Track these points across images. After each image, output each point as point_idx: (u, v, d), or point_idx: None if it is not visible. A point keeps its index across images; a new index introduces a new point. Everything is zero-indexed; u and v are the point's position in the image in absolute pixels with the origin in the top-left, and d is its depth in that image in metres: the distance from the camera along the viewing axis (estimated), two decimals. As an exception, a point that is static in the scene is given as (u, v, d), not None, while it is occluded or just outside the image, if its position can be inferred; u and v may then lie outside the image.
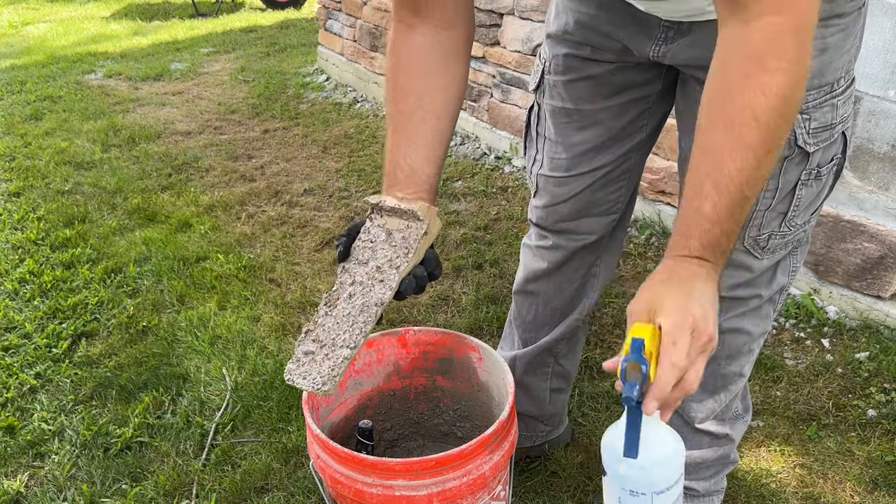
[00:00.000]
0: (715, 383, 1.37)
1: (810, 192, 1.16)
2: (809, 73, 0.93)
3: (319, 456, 1.23)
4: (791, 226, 1.18)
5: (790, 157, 1.11)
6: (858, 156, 2.07)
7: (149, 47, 6.15)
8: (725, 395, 1.40)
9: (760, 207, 1.16)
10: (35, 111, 4.36)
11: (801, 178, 1.13)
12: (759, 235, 1.18)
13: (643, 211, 2.74)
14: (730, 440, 1.46)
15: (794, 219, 1.18)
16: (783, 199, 1.15)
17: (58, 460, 1.78)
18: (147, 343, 2.20)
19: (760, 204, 1.15)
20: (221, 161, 3.58)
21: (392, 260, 1.08)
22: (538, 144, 1.39)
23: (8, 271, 2.61)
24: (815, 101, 1.07)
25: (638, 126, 1.32)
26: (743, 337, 1.31)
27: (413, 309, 2.32)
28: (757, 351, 1.38)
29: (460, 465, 1.17)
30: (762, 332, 1.34)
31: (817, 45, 1.00)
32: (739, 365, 1.36)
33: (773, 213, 1.16)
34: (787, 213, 1.16)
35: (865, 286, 2.11)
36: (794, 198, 1.15)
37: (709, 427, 1.42)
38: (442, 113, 1.13)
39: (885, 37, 1.92)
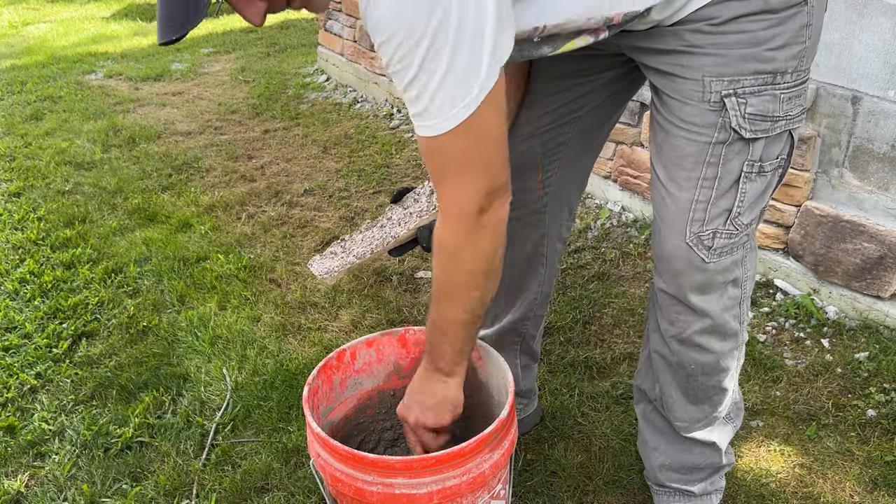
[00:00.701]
0: (697, 395, 1.37)
1: (755, 188, 1.17)
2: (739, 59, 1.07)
3: (320, 454, 1.24)
4: (737, 224, 1.18)
5: (728, 143, 1.12)
6: (858, 156, 2.07)
7: (149, 47, 6.15)
8: (709, 406, 1.40)
9: (700, 198, 1.16)
10: (35, 111, 4.36)
11: (743, 170, 1.14)
12: (703, 231, 1.18)
13: (643, 211, 2.75)
14: (716, 448, 1.46)
15: (740, 217, 1.18)
16: (727, 193, 1.16)
17: (58, 460, 1.78)
18: (147, 343, 2.20)
19: (699, 194, 1.16)
20: (222, 161, 3.59)
21: (421, 212, 1.34)
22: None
23: (8, 271, 2.62)
24: (751, 87, 1.09)
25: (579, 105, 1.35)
26: (709, 355, 1.31)
27: (413, 309, 2.32)
28: (734, 366, 1.36)
29: (460, 464, 1.18)
30: (731, 349, 1.32)
31: (746, 39, 1.07)
32: (717, 380, 1.35)
33: (717, 209, 1.16)
34: (731, 210, 1.17)
35: (865, 286, 2.11)
36: (738, 192, 1.16)
37: (696, 435, 1.43)
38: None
39: (884, 37, 1.92)
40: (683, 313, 1.26)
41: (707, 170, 1.15)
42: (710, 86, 1.10)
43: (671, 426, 1.44)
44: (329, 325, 2.27)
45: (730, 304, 1.27)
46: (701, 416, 1.41)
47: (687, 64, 1.11)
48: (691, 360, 1.31)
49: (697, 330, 1.27)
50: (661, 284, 1.27)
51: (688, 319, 1.27)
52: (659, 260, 1.26)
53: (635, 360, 2.04)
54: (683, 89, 1.13)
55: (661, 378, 1.39)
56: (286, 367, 2.04)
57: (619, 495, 1.63)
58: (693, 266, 1.20)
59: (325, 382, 1.40)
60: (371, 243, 1.37)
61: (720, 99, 1.10)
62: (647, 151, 2.66)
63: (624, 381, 1.96)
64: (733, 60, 1.08)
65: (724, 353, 1.32)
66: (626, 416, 1.84)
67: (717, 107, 1.11)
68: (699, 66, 1.10)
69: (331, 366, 1.41)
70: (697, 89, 1.11)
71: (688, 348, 1.30)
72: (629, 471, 1.68)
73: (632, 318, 2.23)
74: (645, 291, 2.36)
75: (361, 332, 2.21)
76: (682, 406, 1.39)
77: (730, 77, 1.09)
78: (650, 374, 1.44)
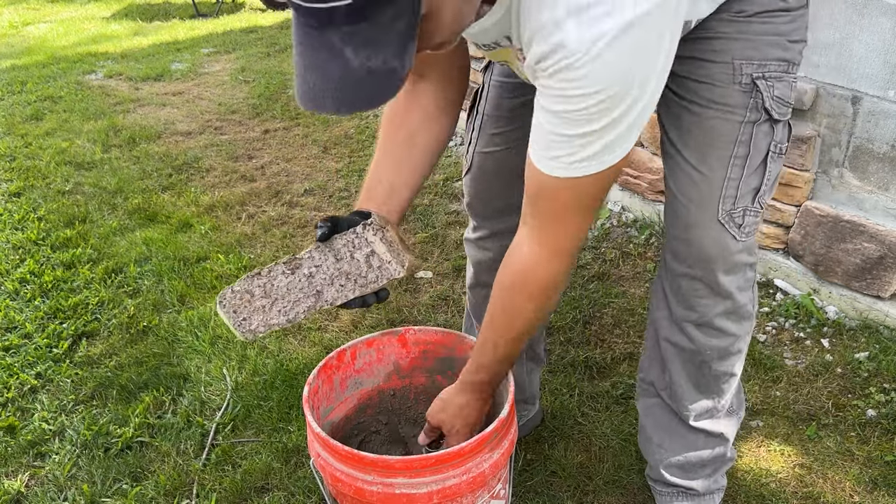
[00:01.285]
0: (707, 383, 1.38)
1: (776, 169, 1.23)
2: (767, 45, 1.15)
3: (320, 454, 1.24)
4: (762, 203, 1.24)
5: (758, 123, 1.18)
6: (858, 156, 2.07)
7: (149, 47, 6.15)
8: (718, 394, 1.41)
9: (732, 176, 1.20)
10: (35, 111, 4.37)
11: (770, 149, 1.20)
12: (734, 209, 1.22)
13: (643, 211, 2.75)
14: (724, 439, 1.46)
15: (764, 196, 1.23)
16: (755, 171, 1.21)
17: (58, 460, 1.78)
18: (147, 343, 2.20)
19: (731, 172, 1.20)
20: (222, 161, 3.59)
21: (359, 279, 1.18)
22: (476, 123, 1.44)
23: (8, 271, 2.62)
24: (776, 73, 1.17)
25: None
26: (728, 338, 1.34)
27: (413, 309, 2.32)
28: (745, 350, 1.40)
29: (460, 464, 1.18)
30: (746, 332, 1.36)
31: (771, 30, 1.15)
32: (730, 364, 1.38)
33: (747, 187, 1.21)
34: (759, 188, 1.22)
35: (865, 286, 2.11)
36: (765, 170, 1.21)
37: (704, 426, 1.43)
38: (428, 151, 1.27)
39: (884, 37, 1.92)
40: (707, 297, 1.29)
41: (739, 148, 1.19)
42: (740, 68, 1.16)
43: (678, 419, 1.44)
44: (329, 325, 2.27)
45: (746, 286, 1.31)
46: (709, 406, 1.42)
47: (716, 48, 1.16)
48: (709, 345, 1.34)
49: (719, 312, 1.30)
50: (682, 270, 1.29)
51: (709, 303, 1.29)
52: (686, 245, 1.27)
53: (635, 360, 2.04)
54: (712, 72, 1.17)
55: (670, 367, 1.40)
56: (286, 367, 2.04)
57: (619, 495, 1.63)
58: (725, 245, 1.24)
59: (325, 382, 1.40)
60: (297, 300, 1.18)
61: (751, 81, 1.16)
62: (647, 151, 2.66)
63: (624, 381, 1.96)
64: (761, 46, 1.15)
65: (740, 336, 1.35)
66: (626, 416, 1.84)
67: (748, 88, 1.16)
68: (728, 50, 1.15)
69: (331, 366, 1.41)
70: (728, 72, 1.16)
71: (706, 333, 1.33)
72: (629, 471, 1.69)
73: (632, 318, 2.23)
74: (645, 291, 2.36)
75: (361, 332, 2.21)
76: (691, 395, 1.41)
77: (758, 61, 1.15)
78: (657, 364, 1.44)
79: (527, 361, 1.69)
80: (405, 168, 1.26)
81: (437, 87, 1.25)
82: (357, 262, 1.17)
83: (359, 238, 1.17)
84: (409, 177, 1.26)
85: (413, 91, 1.26)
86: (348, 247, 1.18)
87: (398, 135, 1.27)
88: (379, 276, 1.17)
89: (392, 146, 1.27)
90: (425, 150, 1.27)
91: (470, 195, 1.51)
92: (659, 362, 1.43)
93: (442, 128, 1.28)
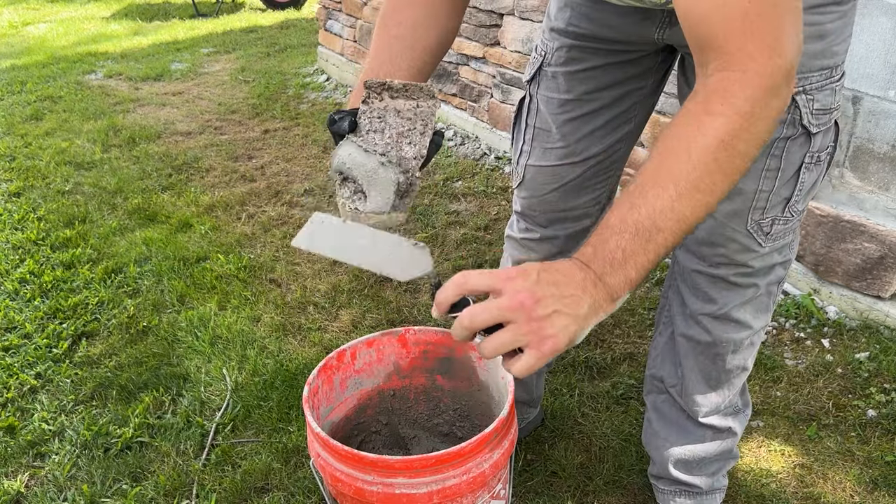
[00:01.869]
0: (719, 378, 1.39)
1: (811, 178, 1.19)
2: (810, 56, 1.01)
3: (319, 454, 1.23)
4: (793, 212, 1.21)
5: (793, 138, 1.13)
6: (858, 156, 2.07)
7: (149, 47, 6.15)
8: (729, 389, 1.41)
9: (764, 188, 1.18)
10: (35, 111, 4.36)
11: (804, 161, 1.16)
12: (763, 219, 1.20)
13: (643, 211, 2.74)
14: (732, 433, 1.47)
15: (796, 204, 1.20)
16: (787, 183, 1.18)
17: (58, 460, 1.78)
18: (147, 343, 2.20)
19: (763, 185, 1.17)
20: (222, 161, 3.58)
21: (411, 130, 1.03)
22: (526, 135, 1.42)
23: (8, 271, 2.62)
24: (817, 83, 1.10)
25: (629, 117, 1.36)
26: (745, 330, 1.34)
27: (413, 309, 2.32)
28: (758, 344, 1.39)
29: (460, 463, 1.17)
30: (763, 326, 1.36)
31: (815, 31, 1.05)
32: (743, 358, 1.38)
33: (777, 198, 1.19)
34: (790, 198, 1.19)
35: (865, 286, 2.11)
36: (798, 182, 1.18)
37: (712, 421, 1.44)
38: (429, 49, 1.15)
39: (885, 37, 1.92)
40: (727, 289, 1.28)
41: (770, 161, 1.15)
42: None
43: (686, 415, 1.45)
44: (329, 325, 2.27)
45: (774, 281, 1.30)
46: (719, 401, 1.42)
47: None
48: (725, 337, 1.33)
49: (738, 304, 1.29)
50: (701, 268, 1.28)
51: (730, 294, 1.29)
52: (708, 246, 1.26)
53: (635, 360, 2.04)
54: None
55: (683, 362, 1.40)
56: (286, 368, 2.04)
57: (619, 495, 1.63)
58: (749, 250, 1.23)
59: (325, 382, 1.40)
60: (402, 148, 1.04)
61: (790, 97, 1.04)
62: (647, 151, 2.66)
63: (624, 381, 1.96)
64: (805, 58, 1.05)
65: (757, 330, 1.35)
66: (626, 416, 1.84)
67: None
68: None
69: (331, 366, 1.41)
70: None
71: (724, 324, 1.32)
72: (629, 471, 1.68)
73: (632, 319, 2.23)
74: (645, 291, 2.36)
75: (361, 332, 2.21)
76: (701, 391, 1.41)
77: (801, 75, 1.07)
78: (668, 360, 1.44)
79: None
80: (402, 65, 1.13)
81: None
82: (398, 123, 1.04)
83: (374, 110, 1.04)
84: (406, 74, 1.14)
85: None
86: (374, 121, 1.04)
87: (397, 30, 1.15)
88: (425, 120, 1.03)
89: (389, 42, 1.15)
90: (425, 48, 1.15)
91: (523, 206, 1.49)
92: (672, 359, 1.44)
93: (445, 27, 1.17)
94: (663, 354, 1.46)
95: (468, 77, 3.53)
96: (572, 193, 1.41)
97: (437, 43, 1.16)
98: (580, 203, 1.42)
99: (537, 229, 1.48)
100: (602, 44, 1.27)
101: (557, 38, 1.31)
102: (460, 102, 3.67)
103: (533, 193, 1.45)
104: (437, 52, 1.17)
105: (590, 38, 1.27)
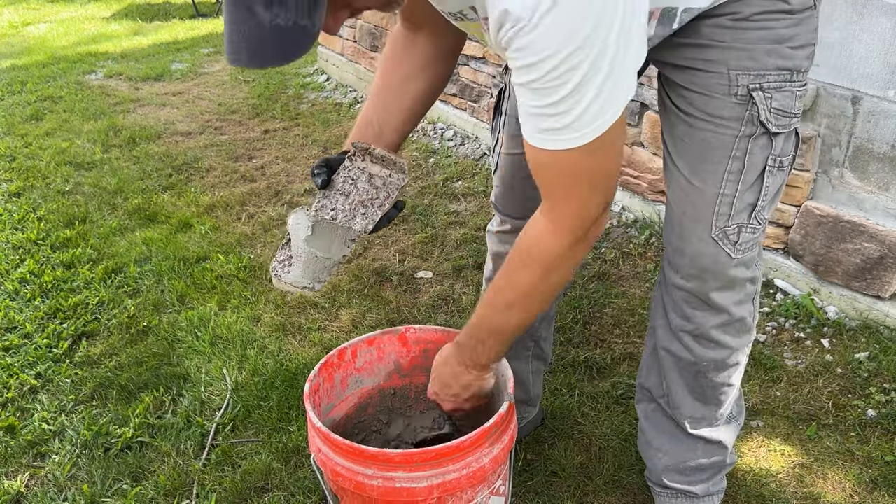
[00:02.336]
0: (704, 393, 1.38)
1: (776, 183, 1.20)
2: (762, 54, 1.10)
3: (321, 449, 1.24)
4: (759, 219, 1.21)
5: (754, 137, 1.15)
6: (858, 156, 2.07)
7: (149, 48, 6.15)
8: (716, 403, 1.40)
9: (726, 192, 1.18)
10: (35, 111, 4.37)
11: (767, 164, 1.17)
12: (728, 226, 1.20)
13: (643, 211, 2.75)
14: (723, 446, 1.46)
15: (762, 211, 1.20)
16: (751, 187, 1.18)
17: (58, 460, 1.78)
18: (147, 343, 2.20)
19: (725, 188, 1.18)
20: (222, 161, 3.59)
21: (374, 201, 1.22)
22: (500, 124, 1.44)
23: (8, 271, 2.62)
24: (775, 82, 1.12)
25: None
26: (725, 350, 1.32)
27: (413, 309, 2.32)
28: (744, 362, 1.38)
29: (460, 458, 1.18)
30: (745, 344, 1.34)
31: (768, 35, 1.10)
32: (726, 376, 1.36)
33: (742, 203, 1.18)
34: (756, 204, 1.19)
35: (865, 286, 2.11)
36: (762, 186, 1.18)
37: (702, 433, 1.43)
38: (420, 98, 1.29)
39: (885, 37, 1.93)
40: (701, 309, 1.28)
41: (733, 163, 1.16)
42: (736, 79, 1.12)
43: (676, 425, 1.44)
44: (329, 325, 2.27)
45: (745, 300, 1.29)
46: (707, 414, 1.41)
47: (711, 58, 1.12)
48: (705, 356, 1.32)
49: (714, 325, 1.29)
50: (677, 281, 1.28)
51: (705, 315, 1.28)
52: (680, 256, 1.25)
53: (635, 360, 2.04)
54: (708, 83, 1.14)
55: (667, 375, 1.39)
56: (286, 367, 2.04)
57: (619, 495, 1.63)
58: (720, 263, 1.22)
59: (326, 380, 1.41)
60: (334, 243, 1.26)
61: (747, 93, 1.12)
62: (647, 151, 2.66)
63: (624, 381, 1.96)
64: (758, 55, 1.10)
65: (738, 349, 1.34)
66: (626, 416, 1.84)
67: (743, 100, 1.13)
68: (724, 61, 1.12)
69: (332, 364, 1.41)
70: (723, 83, 1.12)
71: (702, 344, 1.31)
72: (629, 471, 1.68)
73: (632, 318, 2.23)
74: (645, 291, 2.37)
75: (361, 332, 2.21)
76: (688, 403, 1.40)
77: (755, 72, 1.11)
78: (654, 371, 1.44)
79: (533, 360, 1.68)
80: (395, 111, 1.27)
81: (434, 38, 1.26)
82: (365, 189, 1.21)
83: (352, 170, 1.22)
84: (399, 121, 1.28)
85: (411, 38, 1.27)
86: (348, 181, 1.22)
87: (392, 79, 1.28)
88: (389, 192, 1.21)
89: (385, 90, 1.28)
90: (417, 96, 1.28)
91: (496, 194, 1.53)
92: (657, 370, 1.43)
93: (436, 75, 1.29)
94: (649, 365, 1.46)
95: (468, 77, 3.53)
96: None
97: (429, 89, 1.29)
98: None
99: (509, 221, 1.50)
100: None
101: None
102: (460, 102, 3.67)
103: (503, 182, 1.47)
104: (428, 98, 1.30)
105: None
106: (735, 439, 1.50)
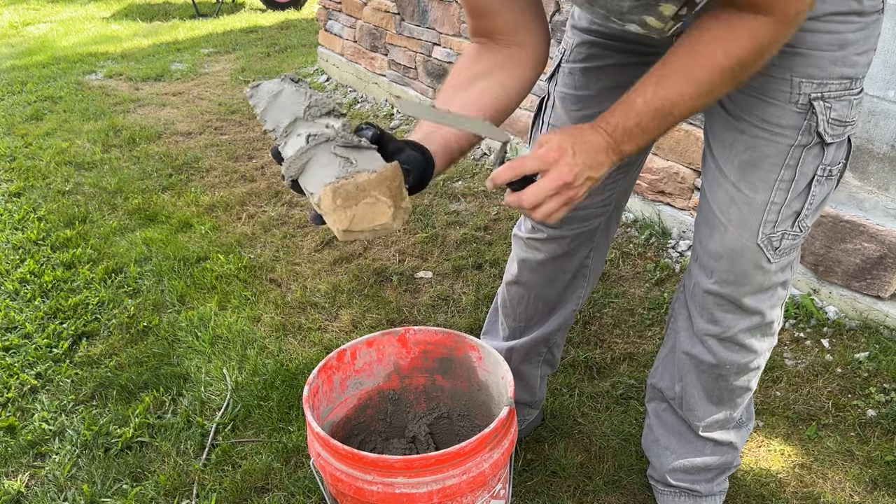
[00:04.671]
0: (721, 396, 1.38)
1: (822, 192, 1.17)
2: (829, 62, 1.03)
3: (320, 454, 1.24)
4: (802, 227, 1.19)
5: (808, 147, 1.11)
6: (858, 156, 2.07)
7: (149, 48, 6.15)
8: (731, 406, 1.40)
9: (776, 200, 1.15)
10: (36, 111, 4.37)
11: (816, 174, 1.14)
12: (773, 233, 1.18)
13: (643, 211, 2.74)
14: (733, 447, 1.46)
15: (806, 219, 1.18)
16: (799, 195, 1.15)
17: (58, 460, 1.78)
18: (148, 343, 2.20)
19: (775, 196, 1.15)
20: (222, 161, 3.59)
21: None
22: (541, 133, 1.41)
23: (9, 271, 2.62)
24: (836, 92, 1.08)
25: None
26: (750, 355, 1.32)
27: (413, 309, 2.32)
28: (763, 366, 1.38)
29: (460, 463, 1.18)
30: (767, 348, 1.34)
31: (836, 40, 1.05)
32: (747, 379, 1.37)
33: (788, 210, 1.16)
34: (800, 212, 1.17)
35: (865, 286, 2.11)
36: (808, 195, 1.16)
37: (713, 435, 1.43)
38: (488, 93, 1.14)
39: (884, 37, 1.93)
40: (732, 312, 1.26)
41: (785, 172, 1.13)
42: (799, 87, 1.08)
43: (687, 426, 1.44)
44: (329, 325, 2.27)
45: (777, 303, 1.28)
46: (721, 418, 1.41)
47: (775, 61, 1.06)
48: (729, 359, 1.31)
49: (743, 329, 1.28)
50: (709, 286, 1.26)
51: (735, 318, 1.27)
52: (717, 260, 1.23)
53: (635, 360, 2.04)
54: (768, 87, 1.10)
55: (685, 378, 1.39)
56: (286, 367, 2.04)
57: (619, 495, 1.63)
58: (758, 267, 1.20)
59: (325, 382, 1.41)
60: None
61: (808, 101, 1.08)
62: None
63: (624, 381, 1.96)
64: (823, 63, 1.06)
65: (761, 353, 1.33)
66: (626, 416, 1.84)
67: (803, 109, 1.08)
68: (788, 66, 1.07)
69: (331, 365, 1.41)
70: (785, 89, 1.08)
71: (728, 347, 1.30)
72: (629, 471, 1.69)
73: (632, 318, 2.23)
74: (645, 291, 2.37)
75: (361, 332, 2.21)
76: (703, 407, 1.40)
77: (819, 80, 1.07)
78: (669, 373, 1.43)
79: (543, 365, 1.67)
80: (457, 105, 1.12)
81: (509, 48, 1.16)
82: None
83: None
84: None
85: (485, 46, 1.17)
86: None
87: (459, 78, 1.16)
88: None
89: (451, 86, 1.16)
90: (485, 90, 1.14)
91: None
92: (672, 373, 1.42)
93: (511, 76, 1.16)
94: (663, 366, 1.46)
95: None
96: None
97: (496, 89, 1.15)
98: (590, 203, 1.39)
99: (545, 229, 1.45)
100: (622, 43, 1.26)
101: (579, 34, 1.31)
102: (460, 102, 3.67)
103: None
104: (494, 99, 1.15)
105: (611, 37, 1.26)
106: (744, 443, 1.50)
